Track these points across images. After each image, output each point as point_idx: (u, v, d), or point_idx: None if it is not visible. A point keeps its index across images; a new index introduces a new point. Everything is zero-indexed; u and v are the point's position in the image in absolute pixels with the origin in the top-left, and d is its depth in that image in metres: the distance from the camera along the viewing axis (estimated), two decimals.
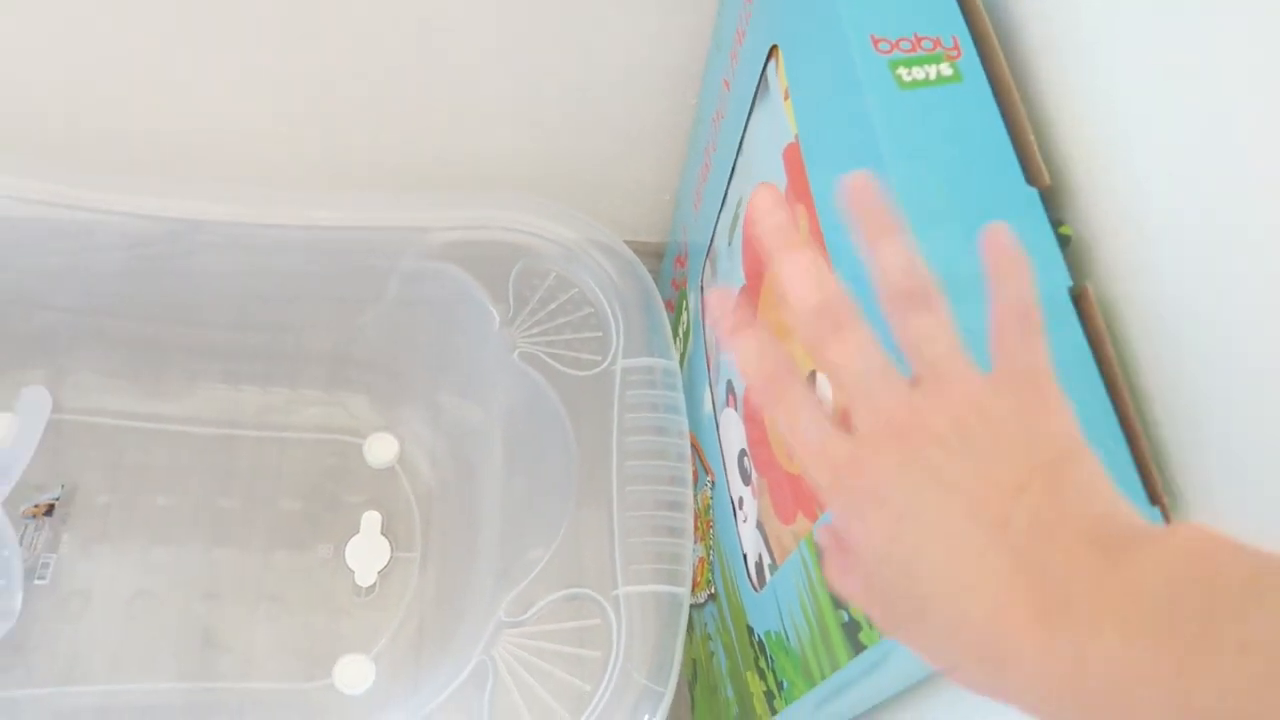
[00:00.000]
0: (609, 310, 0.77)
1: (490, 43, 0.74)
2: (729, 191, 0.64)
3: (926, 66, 0.43)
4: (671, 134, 0.82)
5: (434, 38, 0.73)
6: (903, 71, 0.42)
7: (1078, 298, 0.37)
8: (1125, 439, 0.34)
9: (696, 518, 0.73)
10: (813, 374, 0.51)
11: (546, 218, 0.80)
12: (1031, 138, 0.41)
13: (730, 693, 0.71)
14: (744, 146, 0.60)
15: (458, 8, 0.71)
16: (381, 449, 0.88)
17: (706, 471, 0.73)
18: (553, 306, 0.77)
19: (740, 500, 0.64)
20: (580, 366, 0.75)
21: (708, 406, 0.71)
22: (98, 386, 0.86)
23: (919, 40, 0.43)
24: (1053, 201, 0.40)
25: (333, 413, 0.89)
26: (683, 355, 0.81)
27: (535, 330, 0.76)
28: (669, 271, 0.89)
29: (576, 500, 0.69)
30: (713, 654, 0.75)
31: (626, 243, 0.80)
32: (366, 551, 0.83)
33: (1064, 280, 0.38)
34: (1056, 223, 0.39)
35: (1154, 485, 0.34)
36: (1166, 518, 0.33)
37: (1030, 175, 0.40)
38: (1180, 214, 0.34)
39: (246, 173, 0.84)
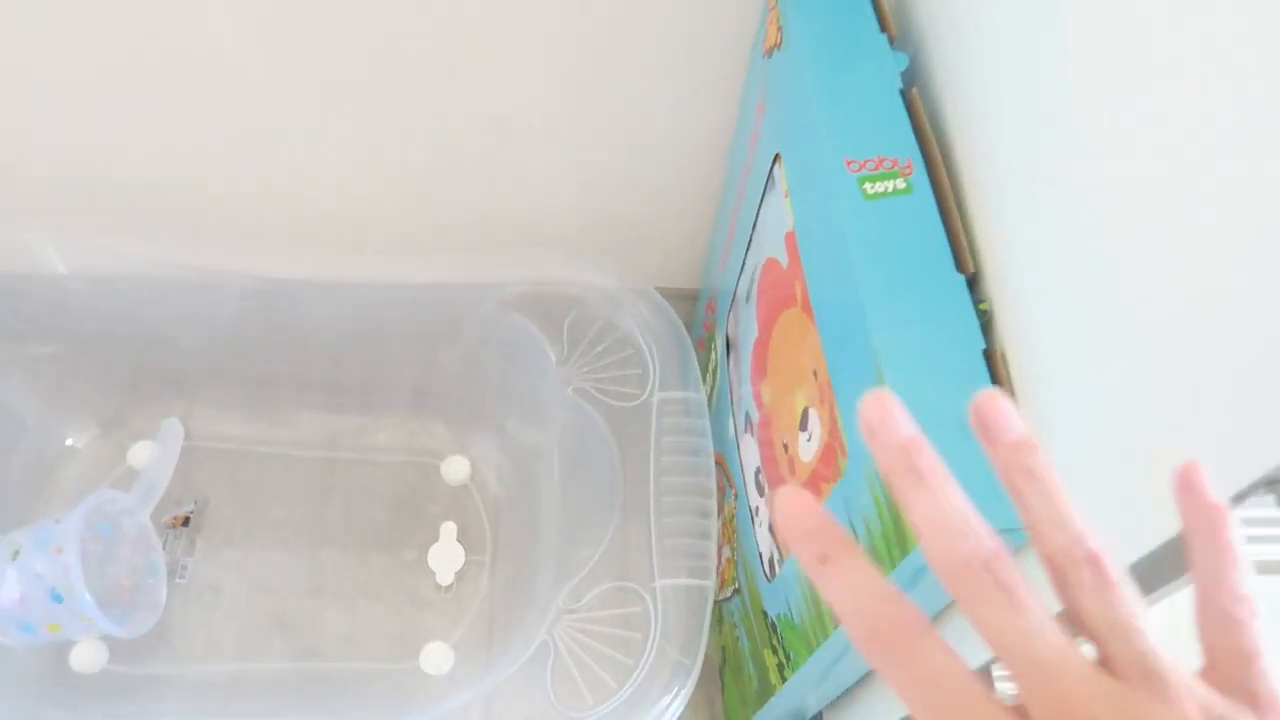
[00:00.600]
0: (647, 351, 0.89)
1: (548, 122, 0.85)
2: (747, 258, 0.79)
3: (886, 181, 0.57)
4: (702, 197, 0.94)
5: (503, 120, 0.85)
6: (868, 186, 0.56)
7: (990, 356, 0.51)
8: None
9: (723, 525, 0.87)
10: (805, 410, 0.65)
11: (595, 273, 0.92)
12: (963, 237, 0.54)
13: (751, 669, 0.84)
14: (758, 225, 0.74)
15: (524, 96, 0.82)
16: (456, 468, 1.02)
17: (731, 486, 0.86)
18: (600, 349, 0.90)
19: (756, 509, 0.78)
20: (623, 399, 0.87)
21: (732, 431, 0.85)
22: (221, 417, 1.01)
23: (881, 161, 0.57)
24: (976, 285, 0.54)
25: (415, 438, 1.03)
26: (712, 389, 0.94)
27: (585, 369, 0.89)
28: (701, 314, 1.03)
29: (621, 510, 0.82)
30: (738, 639, 0.89)
31: (663, 289, 0.92)
32: (445, 555, 0.97)
33: (980, 344, 0.51)
34: (978, 301, 0.53)
35: None
36: None
37: (960, 264, 0.53)
38: (1058, 295, 0.48)
39: (343, 236, 0.97)
